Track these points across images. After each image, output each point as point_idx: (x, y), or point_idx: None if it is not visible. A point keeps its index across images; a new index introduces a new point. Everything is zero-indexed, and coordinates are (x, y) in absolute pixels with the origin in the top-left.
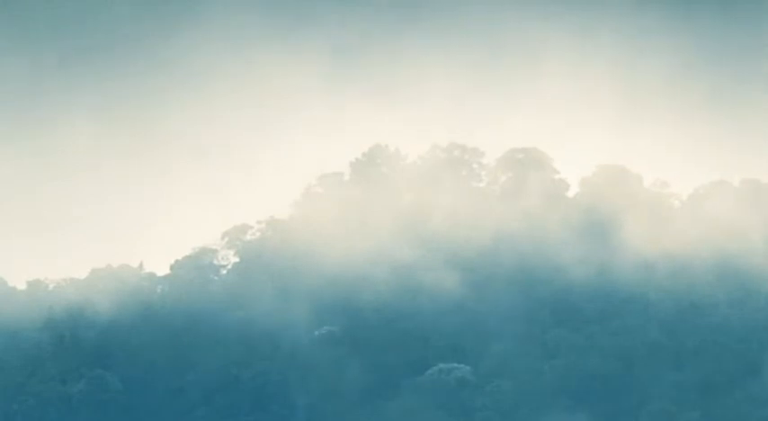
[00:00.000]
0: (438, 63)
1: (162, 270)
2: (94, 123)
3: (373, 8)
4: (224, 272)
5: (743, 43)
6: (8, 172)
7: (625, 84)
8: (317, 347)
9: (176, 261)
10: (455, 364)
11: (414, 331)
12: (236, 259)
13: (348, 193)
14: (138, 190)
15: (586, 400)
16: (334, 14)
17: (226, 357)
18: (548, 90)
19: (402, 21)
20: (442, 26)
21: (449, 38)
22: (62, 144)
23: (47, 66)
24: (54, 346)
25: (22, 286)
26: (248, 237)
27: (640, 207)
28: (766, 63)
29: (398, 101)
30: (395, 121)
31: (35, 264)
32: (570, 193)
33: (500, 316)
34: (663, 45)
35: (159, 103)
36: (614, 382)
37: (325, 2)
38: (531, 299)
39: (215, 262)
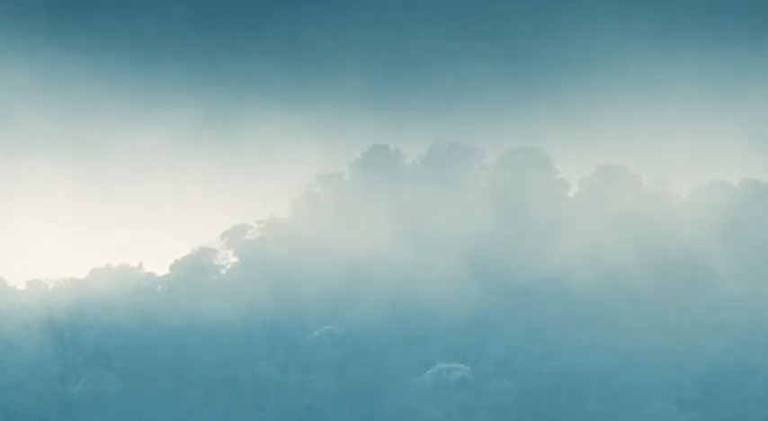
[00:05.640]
0: (438, 62)
1: (162, 270)
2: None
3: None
4: (224, 272)
5: (744, 43)
6: (8, 171)
7: (625, 82)
8: (317, 347)
9: (176, 261)
10: (455, 364)
11: (414, 331)
12: (236, 259)
13: (348, 193)
14: (137, 189)
15: (586, 400)
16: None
17: (226, 357)
18: (549, 90)
19: (403, 23)
20: (446, 27)
21: (451, 38)
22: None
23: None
24: (54, 346)
25: (22, 286)
26: (248, 237)
27: (640, 207)
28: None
29: (399, 100)
30: (395, 121)
31: (35, 264)
32: (570, 193)
33: (500, 316)
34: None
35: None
36: (614, 382)
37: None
38: (532, 298)
39: (215, 262)
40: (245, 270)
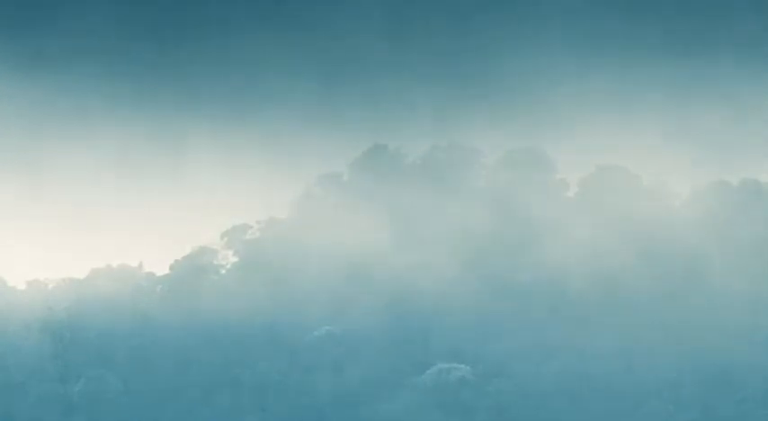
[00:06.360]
0: (438, 62)
1: (161, 270)
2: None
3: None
4: (224, 272)
5: (744, 42)
6: (8, 171)
7: (625, 83)
8: (316, 347)
9: (176, 261)
10: (455, 364)
11: (414, 331)
12: (236, 259)
13: (347, 193)
14: (137, 189)
15: (586, 400)
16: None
17: (226, 357)
18: (549, 90)
19: (404, 22)
20: (447, 26)
21: (451, 37)
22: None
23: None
24: (54, 346)
25: (22, 286)
26: (248, 237)
27: (640, 207)
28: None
29: (399, 100)
30: (395, 121)
31: (35, 264)
32: (570, 193)
33: (500, 316)
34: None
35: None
36: (614, 383)
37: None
38: (532, 298)
39: (214, 262)
40: (245, 270)
